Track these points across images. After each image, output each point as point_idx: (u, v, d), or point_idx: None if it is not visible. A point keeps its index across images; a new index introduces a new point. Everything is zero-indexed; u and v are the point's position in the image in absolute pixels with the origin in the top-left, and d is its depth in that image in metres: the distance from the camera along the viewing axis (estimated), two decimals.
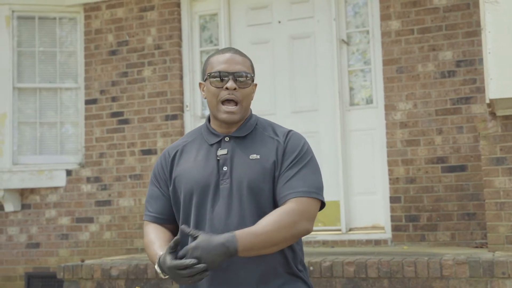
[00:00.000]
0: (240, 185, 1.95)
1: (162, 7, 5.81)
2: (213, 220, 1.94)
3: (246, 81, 2.01)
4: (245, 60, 2.04)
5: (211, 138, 2.06)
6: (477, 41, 4.88)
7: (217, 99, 2.00)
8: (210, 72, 2.01)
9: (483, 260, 3.63)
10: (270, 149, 2.00)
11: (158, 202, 2.09)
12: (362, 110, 5.33)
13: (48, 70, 6.15)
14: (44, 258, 5.91)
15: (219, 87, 2.00)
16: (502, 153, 4.17)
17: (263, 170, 1.95)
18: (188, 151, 2.08)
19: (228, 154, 2.00)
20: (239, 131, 2.04)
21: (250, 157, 1.98)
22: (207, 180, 1.98)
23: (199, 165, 2.02)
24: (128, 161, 5.77)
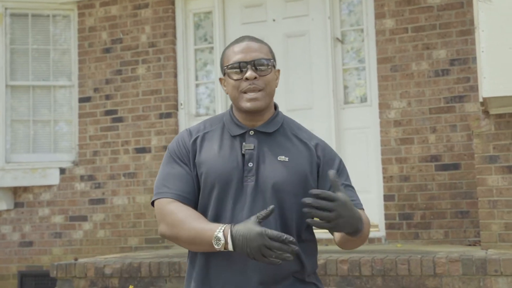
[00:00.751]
0: (265, 186, 1.85)
1: (156, 4, 5.79)
2: (233, 218, 1.84)
3: (266, 68, 1.90)
4: (262, 46, 1.93)
5: (235, 129, 1.94)
6: (470, 39, 4.89)
7: (238, 90, 1.89)
8: (227, 65, 1.91)
9: (476, 258, 3.65)
10: (300, 153, 1.91)
11: (182, 181, 1.89)
12: (356, 108, 5.33)
13: (41, 67, 6.13)
14: (37, 257, 5.89)
15: (239, 79, 1.89)
16: (495, 151, 4.18)
17: (290, 173, 1.87)
18: (210, 140, 1.95)
19: (255, 150, 1.90)
20: (265, 126, 1.93)
21: (278, 158, 1.89)
22: (230, 174, 1.87)
23: (222, 157, 1.89)
24: (122, 159, 5.75)
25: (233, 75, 1.90)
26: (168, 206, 1.86)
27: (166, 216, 1.85)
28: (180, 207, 1.85)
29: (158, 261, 4.17)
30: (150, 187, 5.62)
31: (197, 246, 1.81)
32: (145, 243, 5.59)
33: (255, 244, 1.66)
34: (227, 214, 1.85)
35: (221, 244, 1.72)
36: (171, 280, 4.12)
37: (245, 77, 1.87)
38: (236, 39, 1.97)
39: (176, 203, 1.86)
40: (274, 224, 1.84)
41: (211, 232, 1.74)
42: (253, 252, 1.67)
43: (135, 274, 4.20)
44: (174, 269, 4.11)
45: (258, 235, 1.65)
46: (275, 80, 1.94)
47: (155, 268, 4.16)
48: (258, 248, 1.66)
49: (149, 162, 5.66)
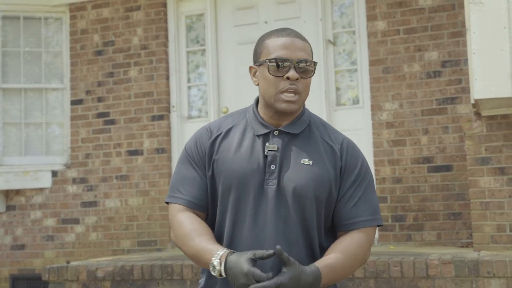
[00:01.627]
0: (287, 189, 1.77)
1: (148, 7, 5.78)
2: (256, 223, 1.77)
3: (308, 70, 1.81)
4: (306, 45, 1.82)
5: (259, 128, 1.84)
6: (462, 41, 4.90)
7: (275, 89, 1.79)
8: (269, 58, 1.79)
9: (468, 260, 3.65)
10: (324, 157, 1.82)
11: (194, 185, 1.83)
12: (348, 110, 5.34)
13: (33, 70, 6.10)
14: (29, 260, 5.86)
15: (279, 76, 1.78)
16: (487, 153, 4.19)
17: (313, 178, 1.78)
18: (230, 137, 1.85)
19: (278, 151, 1.80)
20: (291, 126, 1.84)
21: (302, 161, 1.80)
22: (251, 175, 1.78)
23: (243, 156, 1.81)
24: (114, 162, 5.74)
25: (273, 71, 1.79)
26: (178, 215, 1.83)
27: (174, 226, 1.83)
28: (188, 218, 1.81)
29: (151, 264, 4.16)
30: (143, 190, 5.61)
31: (199, 264, 1.78)
32: (138, 246, 5.57)
33: (241, 281, 1.62)
34: (247, 219, 1.79)
35: (216, 272, 1.68)
36: (164, 283, 4.11)
37: (286, 76, 1.78)
38: (278, 30, 1.85)
39: (186, 212, 1.82)
40: (295, 230, 1.78)
41: (209, 256, 1.71)
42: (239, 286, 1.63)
43: (127, 277, 4.18)
44: (167, 272, 4.10)
45: (245, 274, 1.61)
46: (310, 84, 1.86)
47: (147, 271, 4.14)
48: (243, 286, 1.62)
49: (142, 164, 5.64)
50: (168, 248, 5.49)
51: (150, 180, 5.59)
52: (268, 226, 1.77)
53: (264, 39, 1.85)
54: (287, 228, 1.77)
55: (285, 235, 1.77)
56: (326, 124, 1.95)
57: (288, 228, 1.77)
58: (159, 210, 5.52)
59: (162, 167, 5.57)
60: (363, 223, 1.81)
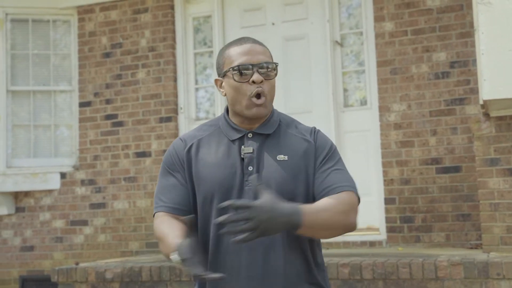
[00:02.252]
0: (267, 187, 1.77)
1: (156, 9, 5.80)
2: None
3: (271, 72, 1.86)
4: (265, 49, 1.88)
5: (233, 133, 1.89)
6: (470, 42, 4.89)
7: (243, 94, 1.83)
8: (232, 66, 1.84)
9: (477, 261, 3.64)
10: (299, 150, 1.87)
11: (174, 192, 1.87)
12: (356, 111, 5.33)
13: (42, 72, 6.13)
14: (39, 261, 5.88)
15: (244, 81, 1.83)
16: (496, 154, 4.17)
17: (292, 172, 1.83)
18: (205, 146, 1.90)
19: (254, 153, 1.85)
20: (263, 127, 1.89)
21: (277, 158, 1.85)
22: (231, 180, 1.83)
23: (221, 163, 1.85)
24: (122, 164, 5.75)
25: (238, 77, 1.84)
26: (156, 220, 1.87)
27: (155, 231, 1.87)
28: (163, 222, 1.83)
29: (159, 265, 4.16)
30: (151, 191, 5.62)
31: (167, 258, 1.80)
32: (146, 247, 5.59)
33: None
34: None
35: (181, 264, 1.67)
36: (172, 284, 4.12)
37: (252, 80, 1.82)
38: (236, 40, 1.91)
39: (164, 216, 1.85)
40: None
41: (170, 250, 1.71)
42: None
43: (136, 279, 4.19)
44: (175, 273, 4.11)
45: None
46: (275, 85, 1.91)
47: (156, 273, 4.15)
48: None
49: (150, 166, 5.66)
50: None
51: None
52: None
53: (224, 50, 1.91)
54: None
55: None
56: (295, 120, 2.00)
57: None
58: None
59: None
60: (341, 188, 1.81)
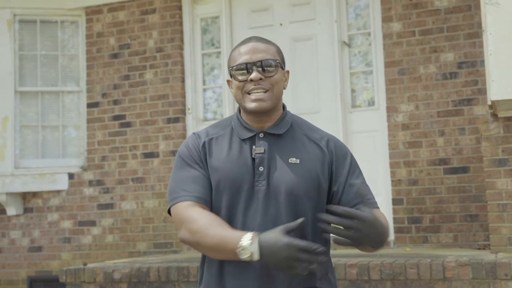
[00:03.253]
0: (277, 190, 1.82)
1: (163, 10, 5.82)
2: (245, 223, 1.80)
3: (272, 69, 1.86)
4: (268, 46, 1.90)
5: (244, 132, 1.90)
6: (478, 42, 4.87)
7: (242, 91, 1.86)
8: (233, 66, 1.87)
9: (485, 262, 3.63)
10: (312, 155, 1.88)
11: (200, 183, 1.84)
12: (364, 112, 5.33)
13: (50, 73, 6.16)
14: (47, 262, 5.91)
15: (243, 80, 1.86)
16: (504, 154, 4.16)
17: (302, 176, 1.83)
18: (219, 144, 1.90)
19: (265, 153, 1.85)
20: (275, 127, 1.89)
21: (289, 161, 1.85)
22: (241, 179, 1.83)
23: (232, 161, 1.85)
24: (130, 164, 5.77)
25: (238, 77, 1.87)
26: (188, 210, 1.79)
27: (186, 221, 1.78)
28: (201, 212, 1.78)
29: (167, 266, 4.17)
30: (159, 192, 5.63)
31: (220, 253, 1.73)
32: (154, 248, 5.60)
33: (283, 255, 1.59)
34: (238, 220, 1.82)
35: (247, 253, 1.64)
36: (180, 284, 4.13)
37: (250, 78, 1.84)
38: (243, 40, 1.94)
39: (196, 207, 1.80)
40: None
41: (236, 240, 1.66)
42: (280, 263, 1.60)
43: (144, 279, 4.20)
44: (183, 274, 4.12)
45: (286, 246, 1.58)
46: (283, 81, 1.91)
47: (164, 273, 4.16)
48: (286, 259, 1.59)
49: (157, 166, 5.67)
50: (184, 250, 5.51)
51: (165, 182, 5.62)
52: (257, 226, 1.79)
53: (231, 52, 1.93)
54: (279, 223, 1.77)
55: None
56: (308, 123, 2.00)
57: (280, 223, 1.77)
58: None
59: None
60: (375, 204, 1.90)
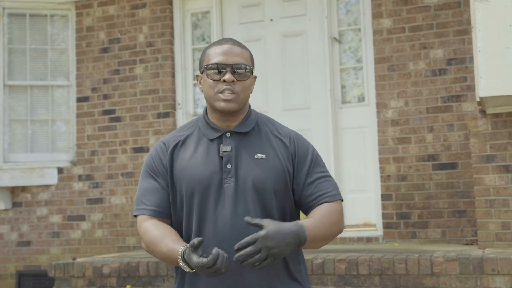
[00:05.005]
0: (245, 185, 1.88)
1: (154, 4, 5.80)
2: (216, 221, 1.86)
3: (244, 73, 1.93)
4: (243, 51, 1.96)
5: (211, 132, 1.96)
6: (467, 39, 4.90)
7: (214, 90, 1.92)
8: (207, 64, 1.93)
9: (473, 257, 3.66)
10: (276, 150, 1.94)
11: (156, 195, 1.95)
12: (354, 108, 5.34)
13: (39, 67, 6.13)
14: (35, 256, 5.89)
15: (216, 80, 1.91)
16: (492, 150, 4.19)
17: (269, 170, 1.90)
18: (186, 146, 1.97)
19: (232, 151, 1.92)
20: (240, 126, 1.96)
21: (255, 157, 1.92)
22: (210, 178, 1.90)
23: (200, 161, 1.92)
24: (120, 159, 5.76)
25: (211, 75, 1.92)
26: (144, 224, 1.93)
27: (142, 234, 1.92)
28: (153, 225, 1.91)
29: (156, 261, 4.18)
30: None
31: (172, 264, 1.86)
32: None
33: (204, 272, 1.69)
34: (210, 218, 1.88)
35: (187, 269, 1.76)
36: (169, 279, 4.13)
37: (223, 79, 1.90)
38: (219, 40, 1.99)
39: (151, 220, 1.93)
40: None
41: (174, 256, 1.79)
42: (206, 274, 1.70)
43: (133, 274, 4.20)
44: (172, 269, 4.12)
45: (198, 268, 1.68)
46: (251, 86, 1.97)
47: (153, 268, 4.17)
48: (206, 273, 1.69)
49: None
50: None
51: None
52: (228, 223, 1.86)
53: (206, 48, 1.99)
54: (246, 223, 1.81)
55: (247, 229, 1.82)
56: (272, 120, 2.06)
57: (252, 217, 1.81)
58: None
59: None
60: (331, 197, 1.93)
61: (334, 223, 1.89)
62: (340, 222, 1.93)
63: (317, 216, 1.87)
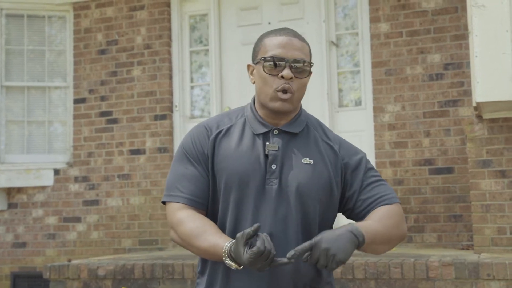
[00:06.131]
0: (288, 189, 1.77)
1: (152, 6, 5.80)
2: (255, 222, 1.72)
3: (304, 70, 1.80)
4: (304, 45, 1.81)
5: (258, 127, 1.83)
6: (464, 44, 4.91)
7: (269, 86, 1.78)
8: (265, 56, 1.78)
9: (468, 262, 3.66)
10: (325, 156, 1.84)
11: (194, 183, 1.79)
12: (351, 111, 5.35)
13: (36, 68, 6.12)
14: (31, 258, 5.88)
15: (274, 74, 1.77)
16: (488, 155, 4.20)
17: (314, 177, 1.79)
18: (230, 136, 1.83)
19: (279, 151, 1.79)
20: (290, 126, 1.84)
21: (302, 161, 1.80)
22: (252, 175, 1.77)
23: (243, 155, 1.79)
24: (116, 161, 5.75)
25: (268, 69, 1.78)
26: (178, 213, 1.78)
27: (176, 225, 1.77)
28: (190, 216, 1.76)
29: (152, 263, 4.17)
30: (145, 189, 5.62)
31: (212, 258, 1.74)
32: (139, 245, 5.59)
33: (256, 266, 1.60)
34: (247, 218, 1.77)
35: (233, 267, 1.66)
36: (165, 282, 4.12)
37: (281, 75, 1.77)
38: (277, 29, 1.85)
39: (187, 210, 1.78)
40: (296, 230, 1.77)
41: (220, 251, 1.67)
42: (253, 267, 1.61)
43: (128, 276, 4.19)
44: (168, 271, 4.11)
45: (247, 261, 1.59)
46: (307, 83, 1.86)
47: (148, 270, 4.16)
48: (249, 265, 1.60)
49: (144, 163, 5.66)
50: (169, 248, 5.50)
51: (152, 180, 5.61)
52: (268, 225, 1.75)
53: (263, 38, 1.84)
54: (288, 227, 1.76)
55: (285, 235, 1.77)
56: (322, 124, 1.96)
57: (289, 227, 1.77)
58: (161, 209, 5.53)
59: (164, 167, 5.58)
60: (389, 200, 1.83)
61: (395, 226, 1.78)
62: (401, 225, 1.81)
63: (375, 217, 1.76)
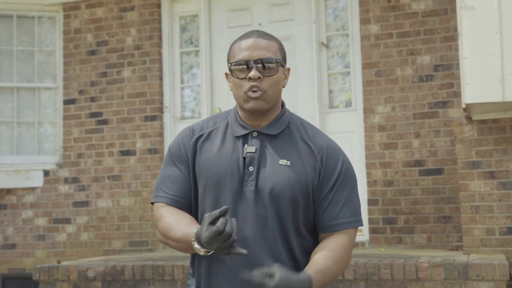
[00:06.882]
0: (263, 190, 1.79)
1: (142, 7, 5.79)
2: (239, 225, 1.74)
3: (271, 68, 1.79)
4: (270, 43, 1.82)
5: (239, 129, 1.86)
6: (454, 46, 4.93)
7: (240, 89, 1.80)
8: (232, 62, 1.81)
9: (458, 263, 3.68)
10: (303, 158, 1.83)
11: (178, 184, 1.85)
12: (341, 113, 5.36)
13: (26, 69, 6.09)
14: (20, 259, 5.84)
15: (243, 78, 1.79)
16: (477, 157, 4.22)
17: (290, 179, 1.79)
18: (212, 139, 1.87)
19: (256, 153, 1.81)
20: (270, 128, 1.85)
21: (279, 162, 1.81)
22: (230, 177, 1.80)
23: (223, 158, 1.82)
24: (106, 162, 5.73)
25: (237, 73, 1.81)
26: (159, 211, 1.85)
27: (157, 221, 1.84)
28: (169, 211, 1.82)
29: (142, 264, 4.16)
30: (135, 190, 5.61)
31: (187, 251, 1.77)
32: (129, 246, 5.57)
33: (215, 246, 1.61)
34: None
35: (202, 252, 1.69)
36: (155, 283, 4.11)
37: (248, 76, 1.78)
38: (245, 33, 1.87)
39: (168, 207, 1.84)
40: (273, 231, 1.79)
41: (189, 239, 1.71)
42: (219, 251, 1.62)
43: (118, 277, 4.18)
44: (158, 273, 4.10)
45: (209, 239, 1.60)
46: (283, 79, 1.85)
47: (138, 271, 4.15)
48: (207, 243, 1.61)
49: (134, 165, 5.64)
50: (159, 249, 5.49)
51: (142, 181, 5.60)
52: (247, 227, 1.77)
53: (232, 45, 1.87)
54: (266, 229, 1.78)
55: (263, 236, 1.78)
56: (306, 124, 1.94)
57: (267, 229, 1.78)
58: (151, 211, 5.52)
59: (154, 168, 5.57)
60: (345, 225, 1.82)
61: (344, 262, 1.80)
62: (349, 257, 1.83)
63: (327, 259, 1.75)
